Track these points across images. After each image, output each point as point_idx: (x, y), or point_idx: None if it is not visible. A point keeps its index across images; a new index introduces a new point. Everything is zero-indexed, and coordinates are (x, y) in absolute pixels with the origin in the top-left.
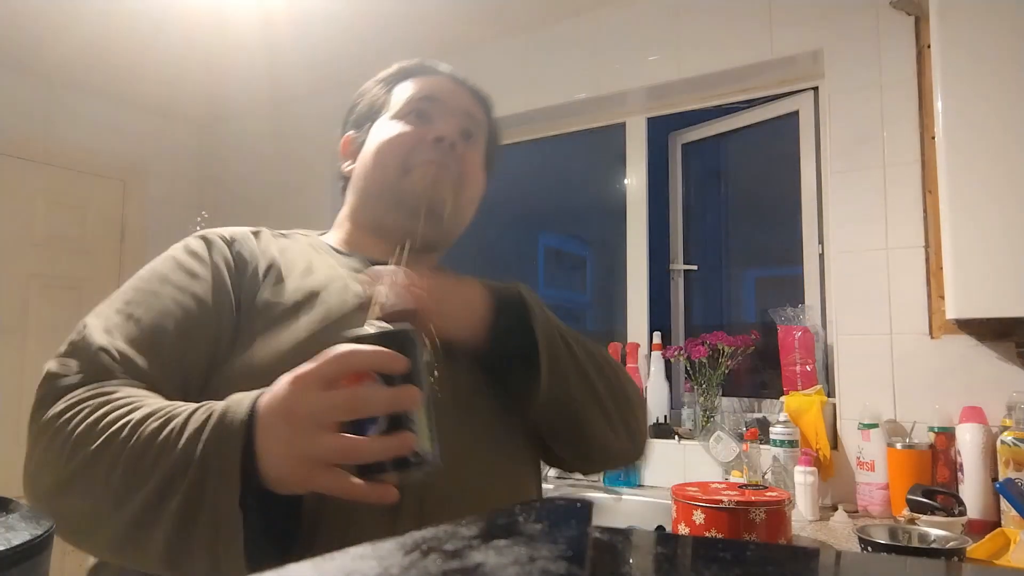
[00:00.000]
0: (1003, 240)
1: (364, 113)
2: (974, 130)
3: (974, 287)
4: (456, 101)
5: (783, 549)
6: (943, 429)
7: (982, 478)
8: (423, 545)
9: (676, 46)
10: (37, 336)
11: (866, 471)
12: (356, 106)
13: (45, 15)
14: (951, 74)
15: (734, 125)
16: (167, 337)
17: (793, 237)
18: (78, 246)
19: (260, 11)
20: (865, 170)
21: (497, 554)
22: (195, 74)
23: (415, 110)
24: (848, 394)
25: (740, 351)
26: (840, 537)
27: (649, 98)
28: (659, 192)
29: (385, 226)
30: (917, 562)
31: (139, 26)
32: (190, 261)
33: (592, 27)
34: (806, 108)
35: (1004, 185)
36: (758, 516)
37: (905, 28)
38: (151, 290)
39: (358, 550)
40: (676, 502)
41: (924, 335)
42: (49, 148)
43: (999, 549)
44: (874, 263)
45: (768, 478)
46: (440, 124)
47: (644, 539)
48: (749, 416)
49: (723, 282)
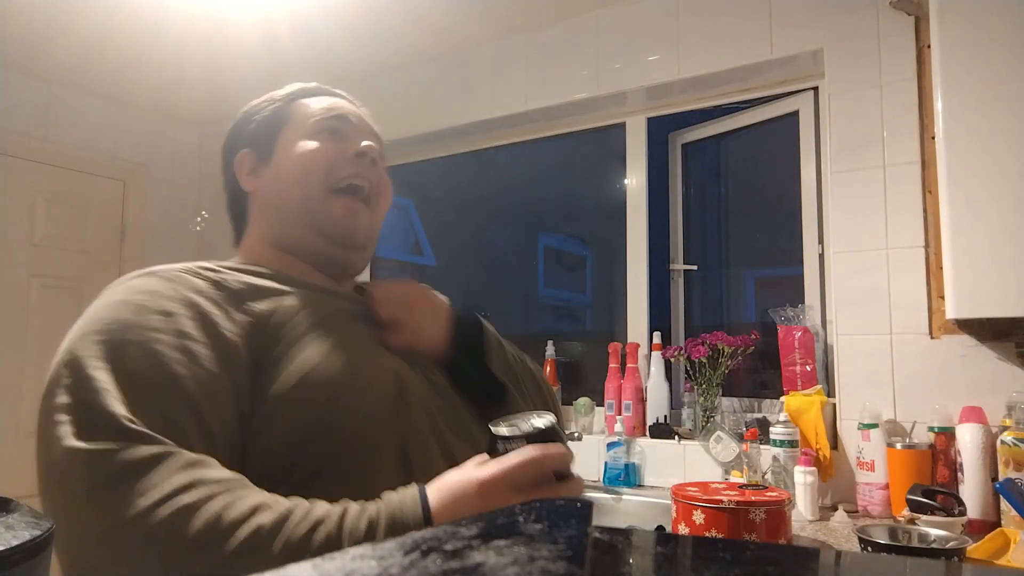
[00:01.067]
0: (1003, 240)
1: (261, 130)
2: (974, 130)
3: (974, 287)
4: (363, 122)
5: (783, 549)
6: (943, 429)
7: (982, 478)
8: (423, 545)
9: (676, 46)
10: (37, 336)
11: (866, 471)
12: (249, 123)
13: (45, 15)
14: (951, 74)
15: (734, 125)
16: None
17: (793, 237)
18: (78, 246)
19: (260, 11)
20: (865, 170)
21: (497, 554)
22: (195, 74)
23: (328, 128)
24: (848, 394)
25: (740, 351)
26: (840, 537)
27: (649, 98)
28: (659, 192)
29: (314, 251)
30: (917, 562)
31: (139, 26)
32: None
33: (592, 27)
34: (806, 108)
35: (1004, 185)
36: (758, 516)
37: (905, 28)
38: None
39: (358, 550)
40: (676, 502)
41: (924, 335)
42: (49, 148)
43: (999, 549)
44: (874, 263)
45: (768, 478)
46: (358, 140)
47: (644, 539)
48: (749, 416)
49: (723, 282)
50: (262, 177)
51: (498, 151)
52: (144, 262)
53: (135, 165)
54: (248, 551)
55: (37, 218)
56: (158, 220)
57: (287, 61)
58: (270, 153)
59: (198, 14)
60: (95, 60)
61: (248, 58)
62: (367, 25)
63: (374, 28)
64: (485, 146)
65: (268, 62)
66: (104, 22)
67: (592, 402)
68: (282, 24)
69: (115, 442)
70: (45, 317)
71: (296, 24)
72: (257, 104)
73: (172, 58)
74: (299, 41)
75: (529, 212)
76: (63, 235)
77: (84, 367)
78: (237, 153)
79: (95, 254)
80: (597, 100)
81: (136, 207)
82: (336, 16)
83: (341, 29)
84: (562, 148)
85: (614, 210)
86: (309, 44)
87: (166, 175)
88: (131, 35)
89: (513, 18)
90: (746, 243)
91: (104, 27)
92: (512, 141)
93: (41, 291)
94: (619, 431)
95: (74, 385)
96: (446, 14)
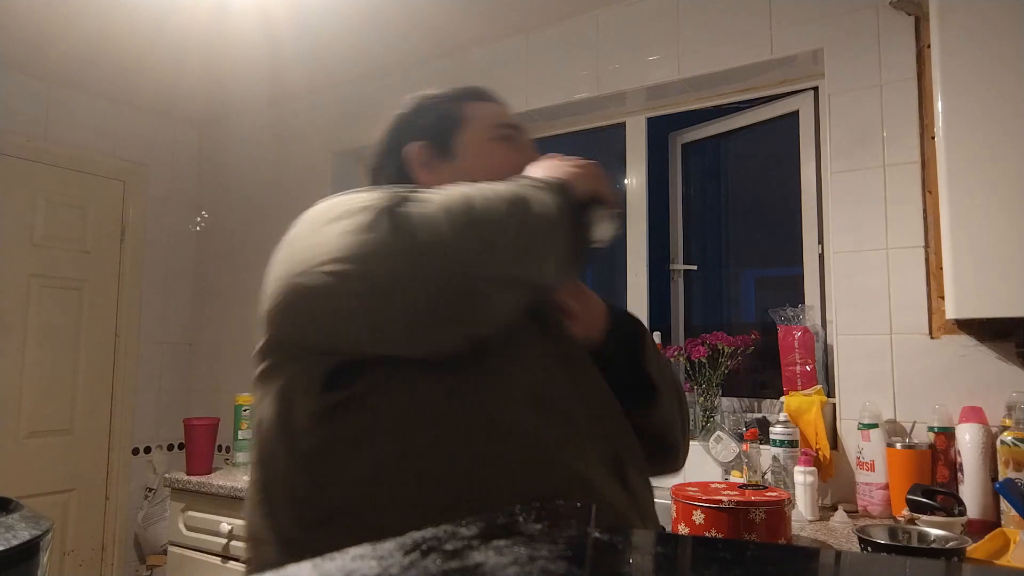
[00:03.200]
0: (1003, 240)
1: (437, 125)
2: (974, 130)
3: (974, 287)
4: (526, 130)
5: (783, 549)
6: (943, 429)
7: (982, 478)
8: (423, 545)
9: (676, 46)
10: (37, 336)
11: (866, 471)
12: (421, 116)
13: (45, 15)
14: (951, 74)
15: (734, 125)
16: None
17: (793, 237)
18: (78, 246)
19: (260, 10)
20: (865, 170)
21: (497, 554)
22: (195, 74)
23: (507, 135)
24: (848, 394)
25: (740, 351)
26: (840, 537)
27: (649, 98)
28: (659, 192)
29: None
30: (917, 562)
31: (139, 26)
32: None
33: (592, 27)
34: (806, 108)
35: (1004, 185)
36: (758, 516)
37: (905, 28)
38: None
39: (358, 550)
40: (676, 502)
41: (924, 335)
42: (49, 148)
43: (999, 549)
44: (874, 263)
45: (768, 478)
46: (531, 148)
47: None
48: (749, 416)
49: (723, 282)
50: (439, 172)
51: None
52: (144, 262)
53: (135, 165)
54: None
55: (37, 218)
56: (158, 220)
57: (287, 61)
58: (449, 150)
59: (198, 13)
60: (95, 60)
61: (248, 58)
62: (367, 25)
63: (374, 28)
64: None
65: (268, 62)
66: (104, 22)
67: None
68: (282, 24)
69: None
70: (45, 317)
71: (296, 24)
72: (425, 98)
73: (172, 58)
74: (299, 41)
75: None
76: (63, 235)
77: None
78: (408, 144)
79: (95, 254)
80: (597, 100)
81: (136, 207)
82: (336, 15)
83: (341, 29)
84: (562, 148)
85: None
86: (309, 44)
87: (166, 175)
88: (131, 35)
89: (513, 18)
90: (746, 243)
91: (104, 27)
92: None
93: (41, 291)
94: None
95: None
96: (445, 14)
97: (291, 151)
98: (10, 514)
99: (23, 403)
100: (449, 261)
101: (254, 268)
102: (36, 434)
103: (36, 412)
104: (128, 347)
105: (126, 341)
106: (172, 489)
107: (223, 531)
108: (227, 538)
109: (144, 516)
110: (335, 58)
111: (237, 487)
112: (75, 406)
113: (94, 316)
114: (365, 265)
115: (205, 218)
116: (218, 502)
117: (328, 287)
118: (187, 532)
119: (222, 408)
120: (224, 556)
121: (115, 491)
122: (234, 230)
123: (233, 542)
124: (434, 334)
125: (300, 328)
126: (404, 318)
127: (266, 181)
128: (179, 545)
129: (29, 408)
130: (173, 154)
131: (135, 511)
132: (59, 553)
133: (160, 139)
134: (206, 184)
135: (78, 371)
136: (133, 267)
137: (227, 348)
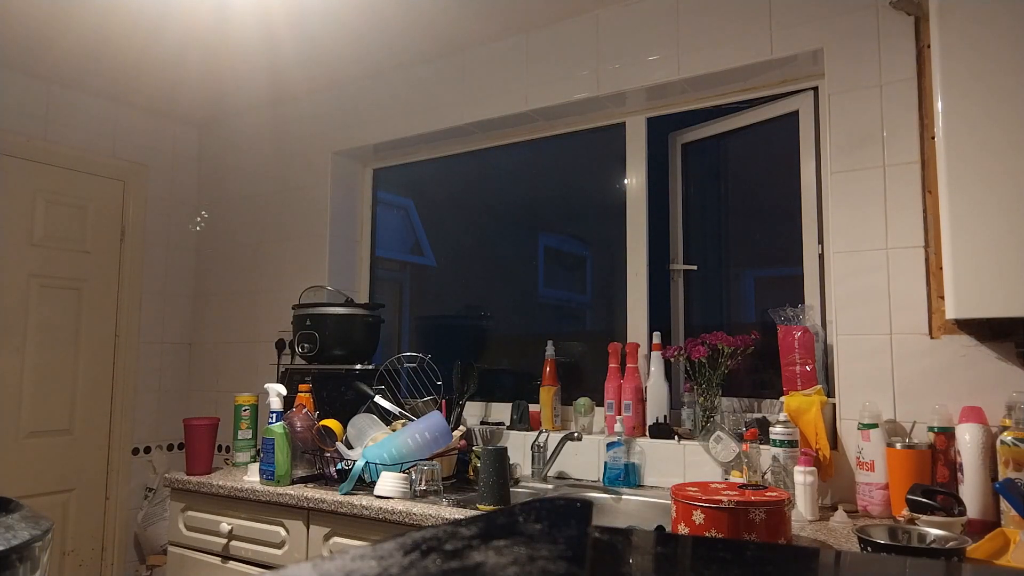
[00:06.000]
0: (1003, 240)
1: None
2: (974, 130)
3: (974, 287)
4: None
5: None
6: (943, 429)
7: (982, 478)
8: (423, 545)
9: (676, 46)
10: (37, 336)
11: (866, 471)
12: None
13: (45, 15)
14: (951, 74)
15: (734, 125)
16: None
17: (793, 237)
18: (78, 246)
19: (260, 10)
20: (865, 170)
21: (497, 554)
22: (195, 74)
23: None
24: (848, 394)
25: (740, 351)
26: (840, 537)
27: (649, 98)
28: (659, 192)
29: None
30: (917, 562)
31: (139, 26)
32: None
33: (592, 27)
34: (806, 108)
35: (1004, 185)
36: (758, 516)
37: (905, 28)
38: None
39: (358, 550)
40: (676, 502)
41: (924, 335)
42: (49, 148)
43: (999, 549)
44: (874, 263)
45: (768, 478)
46: None
47: (644, 539)
48: (749, 416)
49: (723, 282)
50: None
51: (498, 151)
52: (144, 262)
53: (135, 165)
54: None
55: (37, 218)
56: (158, 220)
57: (287, 61)
58: None
59: (198, 14)
60: (95, 60)
61: (248, 58)
62: (367, 25)
63: (374, 28)
64: (485, 146)
65: (268, 62)
66: (104, 22)
67: (592, 402)
68: (282, 24)
69: None
70: (45, 317)
71: (296, 24)
72: None
73: (172, 58)
74: (299, 41)
75: (529, 212)
76: (63, 235)
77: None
78: None
79: (95, 254)
80: (597, 100)
81: (136, 207)
82: (336, 16)
83: (341, 29)
84: (562, 148)
85: (614, 210)
86: (309, 44)
87: (166, 175)
88: (131, 35)
89: (513, 18)
90: (746, 243)
91: (104, 27)
92: (512, 141)
93: (41, 291)
94: (619, 431)
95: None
96: (445, 14)
97: (291, 151)
98: (10, 514)
99: (23, 403)
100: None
101: (254, 268)
102: (36, 434)
103: (36, 412)
104: (128, 347)
105: (126, 341)
106: (172, 489)
107: (223, 531)
108: (227, 538)
109: (144, 516)
110: (335, 58)
111: (237, 487)
112: (75, 406)
113: (94, 316)
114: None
115: (205, 218)
116: (218, 502)
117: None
118: (187, 532)
119: (222, 408)
120: (224, 556)
121: (115, 491)
122: (234, 230)
123: (233, 542)
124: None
125: None
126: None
127: (266, 181)
128: (179, 545)
129: (29, 408)
130: (173, 154)
131: (135, 511)
132: (59, 553)
133: (160, 139)
134: (206, 184)
135: (78, 371)
136: (133, 267)
137: (227, 348)
